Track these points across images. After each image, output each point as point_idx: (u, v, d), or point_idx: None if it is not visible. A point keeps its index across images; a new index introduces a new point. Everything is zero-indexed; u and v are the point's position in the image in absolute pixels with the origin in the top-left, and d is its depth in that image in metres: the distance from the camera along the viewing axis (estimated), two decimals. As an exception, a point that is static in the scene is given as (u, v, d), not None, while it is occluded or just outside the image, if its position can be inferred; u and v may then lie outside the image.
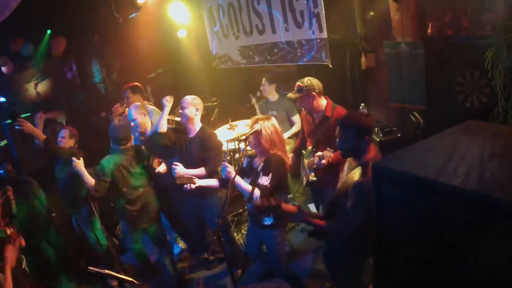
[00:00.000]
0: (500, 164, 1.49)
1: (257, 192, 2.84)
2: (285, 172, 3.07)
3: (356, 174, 2.32)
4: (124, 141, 3.61)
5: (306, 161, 3.65)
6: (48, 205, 4.62)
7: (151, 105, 4.60)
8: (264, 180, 2.88)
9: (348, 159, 2.56)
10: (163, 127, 3.59)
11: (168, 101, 3.60)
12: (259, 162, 3.06)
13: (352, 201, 2.28)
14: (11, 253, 2.97)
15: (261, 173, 2.94)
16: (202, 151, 3.51)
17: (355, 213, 2.25)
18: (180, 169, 3.33)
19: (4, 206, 4.03)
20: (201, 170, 3.45)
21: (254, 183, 2.93)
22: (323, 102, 3.43)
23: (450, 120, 2.04)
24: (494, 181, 1.37)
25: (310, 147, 3.63)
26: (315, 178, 3.56)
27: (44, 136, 3.82)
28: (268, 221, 3.06)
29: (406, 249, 1.65)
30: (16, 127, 3.76)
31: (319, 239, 2.80)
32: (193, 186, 3.14)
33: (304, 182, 3.79)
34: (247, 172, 3.15)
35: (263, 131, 2.90)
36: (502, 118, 2.66)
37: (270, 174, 2.88)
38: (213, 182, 3.30)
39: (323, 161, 3.12)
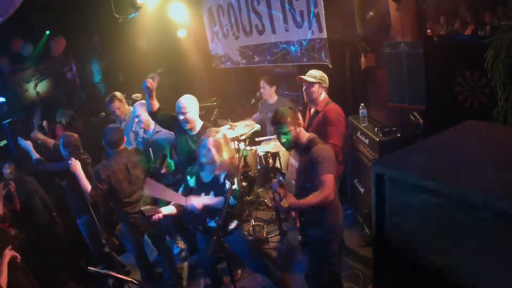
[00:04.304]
0: (500, 164, 1.49)
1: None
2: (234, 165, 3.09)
3: (307, 152, 2.66)
4: (117, 144, 3.57)
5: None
6: (49, 204, 4.63)
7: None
8: (230, 183, 2.87)
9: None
10: None
11: None
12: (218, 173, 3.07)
13: (317, 163, 2.57)
14: (12, 253, 2.98)
15: (225, 180, 3.01)
16: None
17: (325, 166, 2.55)
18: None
19: (8, 202, 4.05)
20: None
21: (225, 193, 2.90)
22: (322, 96, 3.59)
23: (450, 120, 2.03)
24: (494, 181, 1.37)
25: None
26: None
27: (38, 156, 3.92)
28: (212, 224, 3.06)
29: (405, 249, 1.65)
30: None
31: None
32: (160, 216, 3.03)
33: None
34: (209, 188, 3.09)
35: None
36: (502, 118, 2.64)
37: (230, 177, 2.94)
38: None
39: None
